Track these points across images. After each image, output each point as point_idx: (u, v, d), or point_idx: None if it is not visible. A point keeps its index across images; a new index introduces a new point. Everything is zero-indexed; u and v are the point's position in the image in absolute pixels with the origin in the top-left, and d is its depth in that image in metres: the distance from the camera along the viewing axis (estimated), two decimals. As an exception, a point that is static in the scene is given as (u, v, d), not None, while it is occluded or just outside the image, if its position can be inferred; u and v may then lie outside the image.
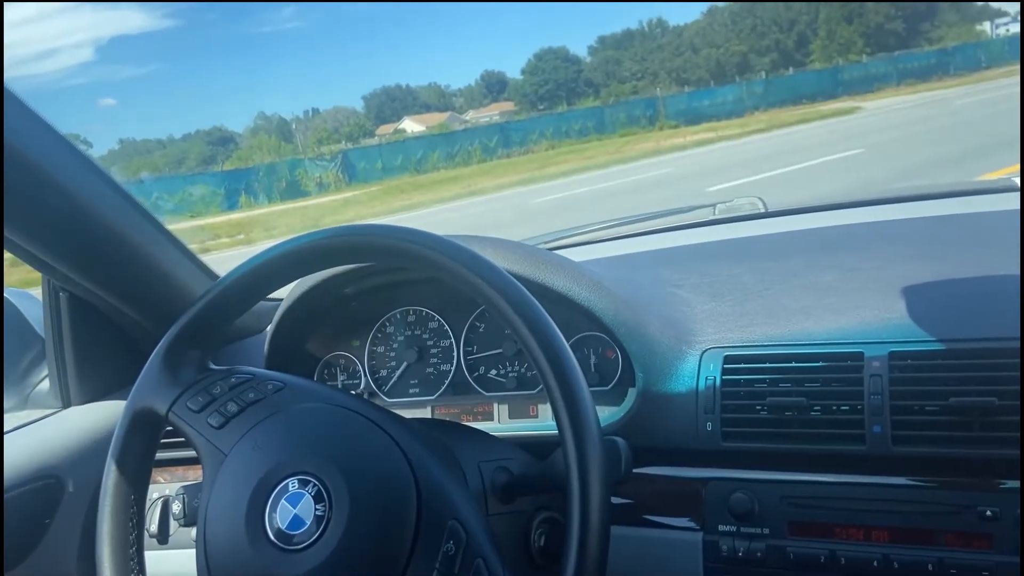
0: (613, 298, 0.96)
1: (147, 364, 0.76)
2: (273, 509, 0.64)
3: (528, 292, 0.67)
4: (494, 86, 73.67)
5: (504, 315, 0.66)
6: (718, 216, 1.51)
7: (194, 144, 67.85)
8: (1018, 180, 1.33)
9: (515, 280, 0.67)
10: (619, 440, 0.68)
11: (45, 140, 0.87)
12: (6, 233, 0.88)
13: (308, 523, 0.63)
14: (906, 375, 0.84)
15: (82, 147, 0.92)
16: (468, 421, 1.09)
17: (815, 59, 44.16)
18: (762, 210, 1.47)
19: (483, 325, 1.11)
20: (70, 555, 1.07)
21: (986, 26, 46.44)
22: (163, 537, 1.13)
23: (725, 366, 0.92)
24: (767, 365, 0.91)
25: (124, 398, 0.76)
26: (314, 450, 0.67)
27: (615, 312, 0.95)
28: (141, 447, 0.76)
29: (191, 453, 0.74)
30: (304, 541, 0.63)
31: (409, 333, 1.15)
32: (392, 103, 73.24)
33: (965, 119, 13.15)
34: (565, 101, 51.44)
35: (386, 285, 1.10)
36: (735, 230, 1.39)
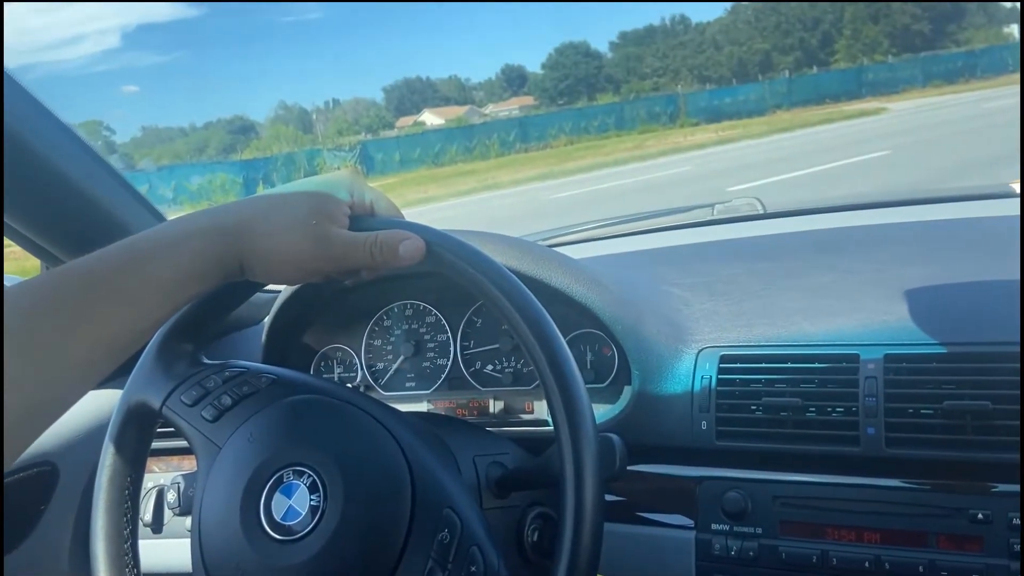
0: (611, 295, 0.96)
1: (141, 359, 0.76)
2: (268, 500, 0.64)
3: (526, 288, 0.67)
4: (514, 80, 73.61)
5: (502, 311, 0.66)
6: (717, 216, 1.50)
7: (215, 132, 68.24)
8: (1016, 186, 1.32)
9: (513, 276, 0.67)
10: (614, 437, 0.67)
11: (47, 128, 0.87)
12: (6, 220, 0.89)
13: (303, 513, 0.63)
14: (901, 378, 0.83)
15: (105, 133, 0.94)
16: (464, 416, 1.09)
17: (839, 59, 43.79)
18: (760, 211, 1.46)
19: (480, 320, 1.10)
20: (64, 541, 1.08)
21: (1013, 28, 45.74)
22: (158, 526, 1.13)
23: (721, 365, 0.92)
24: (763, 365, 0.91)
25: (120, 386, 0.76)
26: (309, 441, 0.67)
27: (612, 310, 0.94)
28: (135, 442, 0.75)
29: (186, 443, 0.74)
30: (299, 531, 0.63)
31: (406, 327, 1.15)
32: (412, 95, 73.40)
33: (993, 122, 12.96)
34: (585, 97, 51.33)
35: (384, 278, 1.10)
36: (733, 230, 1.38)
